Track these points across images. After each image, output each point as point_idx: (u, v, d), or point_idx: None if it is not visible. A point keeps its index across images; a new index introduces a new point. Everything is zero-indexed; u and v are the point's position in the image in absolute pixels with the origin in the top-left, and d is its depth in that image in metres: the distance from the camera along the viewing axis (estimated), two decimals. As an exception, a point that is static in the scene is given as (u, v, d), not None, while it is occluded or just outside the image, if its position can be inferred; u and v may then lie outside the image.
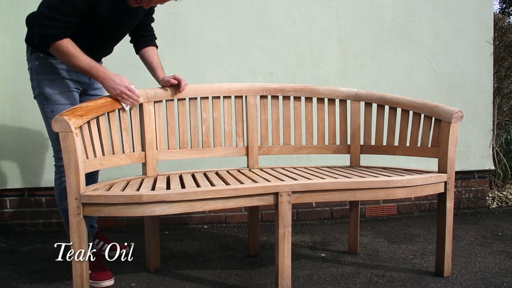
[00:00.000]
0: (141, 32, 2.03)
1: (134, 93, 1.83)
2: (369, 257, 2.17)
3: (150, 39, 2.06)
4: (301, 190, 1.66)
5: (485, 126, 3.07)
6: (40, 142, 2.68)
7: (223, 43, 2.76)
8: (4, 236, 2.55)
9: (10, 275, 1.98)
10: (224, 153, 2.13)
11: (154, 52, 2.05)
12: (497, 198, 3.26)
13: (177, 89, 2.02)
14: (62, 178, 1.87)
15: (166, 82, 1.99)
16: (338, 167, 2.20)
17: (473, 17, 3.00)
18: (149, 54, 2.03)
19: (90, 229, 2.10)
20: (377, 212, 2.96)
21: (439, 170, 1.89)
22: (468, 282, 1.85)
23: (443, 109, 1.87)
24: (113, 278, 1.88)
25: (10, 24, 2.62)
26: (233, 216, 2.84)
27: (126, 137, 1.90)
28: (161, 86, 2.02)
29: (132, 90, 1.82)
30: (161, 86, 2.02)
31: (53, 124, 1.50)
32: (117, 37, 1.94)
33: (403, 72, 2.95)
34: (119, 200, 1.49)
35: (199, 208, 1.56)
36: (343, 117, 2.21)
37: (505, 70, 3.51)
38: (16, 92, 2.65)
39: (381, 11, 2.90)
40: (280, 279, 1.67)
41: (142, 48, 2.04)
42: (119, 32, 1.91)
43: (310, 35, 2.84)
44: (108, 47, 1.98)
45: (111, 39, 1.93)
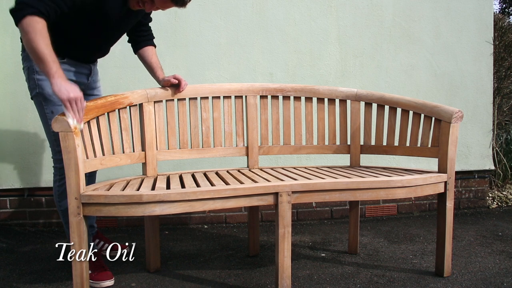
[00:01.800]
0: (139, 32, 2.01)
1: (82, 109, 1.54)
2: (369, 257, 2.17)
3: (148, 39, 2.04)
4: (301, 190, 1.66)
5: (485, 126, 3.07)
6: (40, 142, 2.68)
7: (223, 43, 2.76)
8: (4, 236, 2.55)
9: (10, 275, 1.98)
10: (224, 153, 2.13)
11: (153, 52, 2.04)
12: (497, 198, 3.26)
13: (177, 88, 2.01)
14: (62, 180, 1.84)
15: (167, 82, 1.99)
16: (338, 167, 2.20)
17: (473, 17, 3.00)
18: (148, 54, 2.02)
19: (90, 229, 2.10)
20: (377, 212, 2.96)
21: (439, 170, 1.89)
22: (468, 282, 1.85)
23: (443, 109, 1.87)
24: (113, 278, 1.88)
25: (10, 24, 2.62)
26: (233, 216, 2.84)
27: (126, 137, 1.90)
28: (161, 86, 2.02)
29: (81, 104, 1.54)
30: (161, 86, 2.02)
31: (53, 124, 1.49)
32: (116, 37, 1.93)
33: (403, 72, 2.95)
34: (119, 200, 1.49)
35: (198, 208, 1.56)
36: (343, 117, 2.21)
37: (505, 70, 3.52)
38: (16, 92, 2.65)
39: (381, 11, 2.90)
40: (280, 279, 1.67)
41: (140, 48, 2.02)
42: (118, 33, 1.90)
43: (310, 35, 2.84)
44: (106, 47, 1.95)
45: (111, 39, 1.91)
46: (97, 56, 1.97)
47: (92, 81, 1.96)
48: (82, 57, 1.86)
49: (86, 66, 1.90)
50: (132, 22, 1.90)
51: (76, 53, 1.82)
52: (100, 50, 1.94)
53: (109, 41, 1.92)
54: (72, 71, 1.82)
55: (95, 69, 2.00)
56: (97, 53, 1.94)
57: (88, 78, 1.93)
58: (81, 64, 1.87)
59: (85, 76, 1.91)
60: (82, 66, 1.88)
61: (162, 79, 2.00)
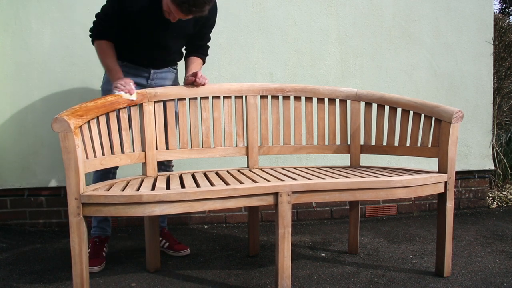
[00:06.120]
0: (191, 46, 2.18)
1: (128, 84, 1.89)
2: (369, 257, 2.17)
3: (196, 51, 2.17)
4: (301, 190, 1.66)
5: (485, 126, 3.07)
6: (40, 142, 2.68)
7: (223, 43, 2.76)
8: (4, 236, 2.55)
9: (10, 275, 1.97)
10: (224, 153, 2.13)
11: (195, 61, 2.16)
12: (497, 198, 3.26)
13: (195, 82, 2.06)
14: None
15: (187, 81, 2.07)
16: (338, 167, 2.20)
17: (473, 17, 3.00)
18: (189, 61, 2.16)
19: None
20: (377, 212, 2.96)
21: (439, 170, 1.89)
22: (468, 282, 1.85)
23: (443, 109, 1.87)
24: (101, 266, 2.01)
25: (10, 24, 2.62)
26: (233, 216, 2.84)
27: (126, 137, 1.90)
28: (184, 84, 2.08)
29: (127, 82, 1.90)
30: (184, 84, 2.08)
31: (53, 124, 1.50)
32: (166, 47, 2.08)
33: (403, 72, 2.95)
34: (119, 200, 1.49)
35: (198, 208, 1.56)
36: (343, 117, 2.21)
37: (505, 70, 3.51)
38: (16, 92, 2.65)
39: (381, 11, 2.90)
40: (280, 279, 1.67)
41: (186, 57, 2.19)
42: (162, 42, 2.05)
43: (310, 35, 2.84)
44: (159, 54, 2.11)
45: (159, 47, 2.07)
46: (156, 62, 2.14)
47: (153, 84, 2.16)
48: (139, 62, 2.11)
49: (145, 69, 2.13)
50: (177, 33, 2.05)
51: (133, 58, 2.10)
52: (154, 57, 2.11)
53: (159, 49, 2.08)
54: (131, 72, 2.08)
55: (158, 74, 2.17)
56: (153, 59, 2.12)
57: (148, 81, 2.15)
58: (140, 67, 2.12)
59: (145, 78, 2.14)
60: (140, 69, 2.12)
61: (185, 79, 2.08)
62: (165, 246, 2.26)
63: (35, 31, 2.63)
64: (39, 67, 2.65)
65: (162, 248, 2.26)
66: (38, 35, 2.64)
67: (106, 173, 2.11)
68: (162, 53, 2.12)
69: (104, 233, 2.17)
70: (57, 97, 2.66)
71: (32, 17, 2.63)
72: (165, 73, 2.19)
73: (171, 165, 2.27)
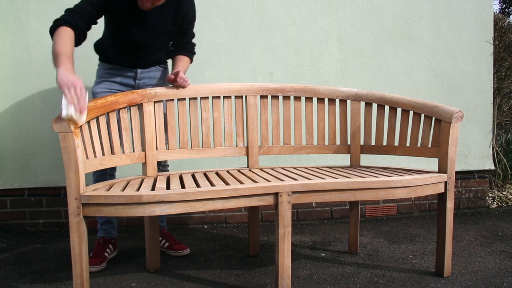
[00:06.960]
0: (177, 45, 2.17)
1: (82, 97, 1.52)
2: (369, 257, 2.17)
3: (181, 49, 2.15)
4: (301, 190, 1.66)
5: (485, 126, 3.07)
6: (40, 142, 2.68)
7: (223, 43, 2.76)
8: (4, 236, 2.55)
9: (10, 275, 1.97)
10: (224, 153, 2.13)
11: (180, 59, 2.13)
12: (497, 198, 3.26)
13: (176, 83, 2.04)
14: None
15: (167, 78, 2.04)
16: (338, 167, 2.20)
17: (473, 17, 3.00)
18: (175, 59, 2.14)
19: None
20: (377, 212, 2.96)
21: (439, 170, 1.89)
22: (468, 282, 1.85)
23: (443, 109, 1.87)
24: (100, 266, 2.01)
25: (10, 24, 2.62)
26: (233, 216, 2.84)
27: (126, 137, 1.90)
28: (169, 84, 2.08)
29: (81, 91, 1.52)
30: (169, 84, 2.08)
31: (53, 124, 1.50)
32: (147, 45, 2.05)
33: (403, 72, 2.95)
34: (119, 200, 1.49)
35: (199, 208, 1.56)
36: (343, 117, 2.21)
37: (505, 70, 3.52)
38: (16, 92, 2.65)
39: (381, 11, 2.90)
40: (280, 279, 1.67)
41: (173, 56, 2.16)
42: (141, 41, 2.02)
43: (310, 35, 2.84)
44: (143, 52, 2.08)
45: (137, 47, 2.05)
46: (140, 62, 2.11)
47: (142, 83, 2.14)
48: (125, 63, 2.10)
49: (131, 70, 2.11)
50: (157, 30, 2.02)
51: (117, 60, 2.08)
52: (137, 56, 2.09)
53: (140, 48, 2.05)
54: (119, 74, 2.09)
55: (146, 74, 2.14)
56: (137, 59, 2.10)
57: (135, 81, 2.13)
58: (125, 68, 2.10)
59: (131, 78, 2.12)
60: (126, 69, 2.11)
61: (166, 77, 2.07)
62: (165, 246, 2.26)
63: (35, 31, 2.63)
64: (39, 67, 2.65)
65: (162, 248, 2.26)
66: (38, 35, 2.64)
67: (103, 175, 2.10)
68: (144, 52, 2.09)
69: (108, 234, 2.17)
70: (57, 97, 2.66)
71: (32, 17, 2.63)
72: (153, 72, 2.17)
73: (167, 165, 2.28)
